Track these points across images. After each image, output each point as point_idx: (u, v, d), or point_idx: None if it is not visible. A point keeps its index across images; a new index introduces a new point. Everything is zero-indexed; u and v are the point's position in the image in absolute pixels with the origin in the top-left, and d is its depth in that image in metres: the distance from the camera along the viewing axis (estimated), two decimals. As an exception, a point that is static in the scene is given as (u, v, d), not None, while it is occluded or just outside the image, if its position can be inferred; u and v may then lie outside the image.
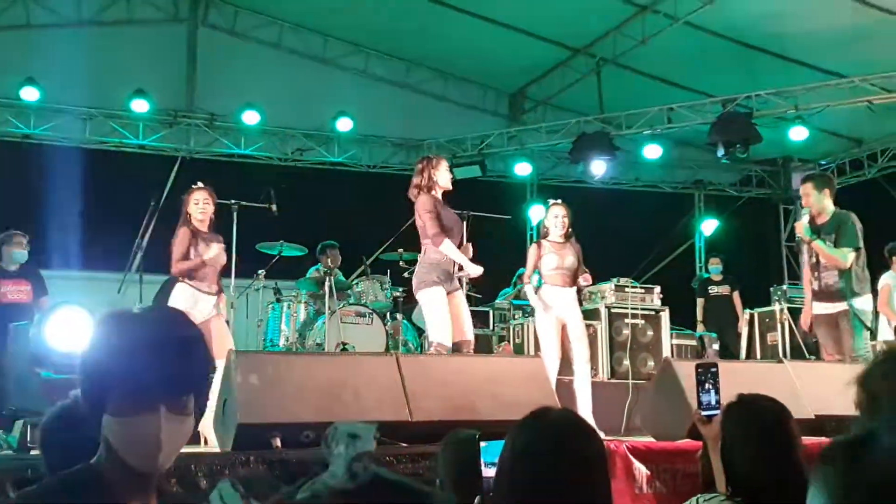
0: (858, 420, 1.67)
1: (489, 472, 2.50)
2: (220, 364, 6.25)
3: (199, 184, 7.00)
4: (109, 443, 1.82)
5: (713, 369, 3.34)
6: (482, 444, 2.76)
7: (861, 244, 6.94)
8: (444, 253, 6.45)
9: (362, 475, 1.25)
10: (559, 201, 7.72)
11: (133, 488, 1.83)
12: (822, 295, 7.07)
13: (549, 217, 7.48)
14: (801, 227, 6.99)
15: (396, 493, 1.37)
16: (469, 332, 6.56)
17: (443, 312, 6.39)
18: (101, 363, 1.81)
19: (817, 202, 7.07)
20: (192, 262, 6.63)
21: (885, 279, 8.81)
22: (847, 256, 6.84)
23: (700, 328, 11.66)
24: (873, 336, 8.99)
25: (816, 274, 7.11)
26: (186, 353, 1.85)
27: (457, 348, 6.48)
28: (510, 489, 2.12)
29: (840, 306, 6.91)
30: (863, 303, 6.91)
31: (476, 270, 6.59)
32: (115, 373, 1.79)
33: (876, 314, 7.70)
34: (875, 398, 1.59)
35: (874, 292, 7.59)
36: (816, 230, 6.99)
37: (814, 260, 7.12)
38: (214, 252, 6.64)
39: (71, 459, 2.26)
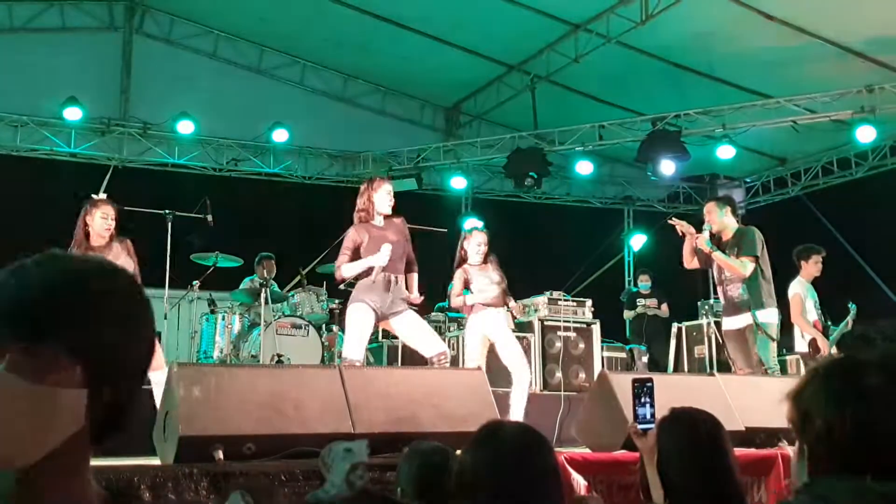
0: (792, 435, 1.76)
1: None
2: (154, 376, 6.23)
3: (103, 195, 6.73)
4: None
5: (649, 384, 3.45)
6: None
7: (760, 253, 7.16)
8: (347, 275, 6.45)
9: (358, 484, 1.34)
10: (481, 227, 7.80)
11: None
12: (729, 308, 7.33)
13: (472, 244, 7.40)
14: (703, 240, 7.22)
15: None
16: (435, 346, 6.44)
17: (356, 329, 6.35)
18: None
19: (718, 220, 7.36)
20: None
21: (793, 288, 8.33)
22: (746, 265, 7.10)
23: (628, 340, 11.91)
24: (788, 350, 9.26)
25: (722, 288, 7.36)
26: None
27: (431, 363, 6.47)
28: (470, 500, 2.21)
29: (746, 319, 7.13)
30: (766, 315, 7.10)
31: (378, 260, 6.32)
32: None
33: (782, 326, 7.94)
34: (807, 415, 1.68)
35: (783, 308, 7.82)
36: (721, 247, 7.26)
37: (722, 276, 7.36)
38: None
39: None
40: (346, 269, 6.44)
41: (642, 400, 3.39)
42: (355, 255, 6.45)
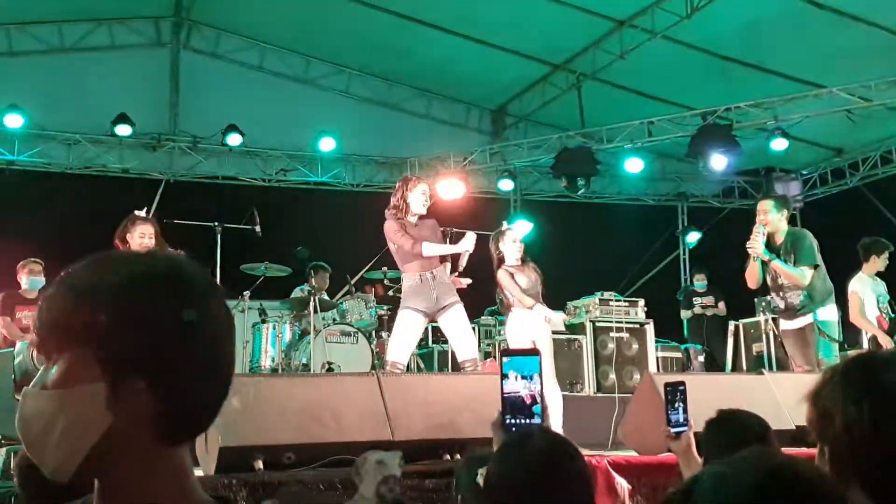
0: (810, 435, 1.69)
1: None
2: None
3: (142, 213, 6.70)
4: None
5: (681, 387, 3.37)
6: (505, 359, 2.78)
7: (819, 261, 7.00)
8: (428, 255, 6.50)
9: (388, 497, 1.28)
10: (511, 227, 7.76)
11: None
12: (788, 313, 7.17)
13: (507, 243, 7.25)
14: (760, 248, 6.89)
15: None
16: (466, 351, 6.53)
17: (402, 333, 6.54)
18: None
19: (776, 222, 7.12)
20: None
21: (853, 285, 8.11)
22: (806, 275, 6.91)
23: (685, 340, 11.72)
24: (851, 345, 9.00)
25: (781, 294, 7.15)
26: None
27: (463, 368, 6.56)
28: None
29: (806, 320, 6.99)
30: (826, 313, 6.95)
31: (466, 244, 6.59)
32: None
33: (844, 323, 7.70)
34: (826, 414, 1.61)
35: (843, 304, 7.62)
36: (775, 250, 7.03)
37: (779, 282, 7.15)
38: None
39: (48, 495, 2.23)
40: (426, 247, 6.50)
41: (675, 404, 3.31)
42: None
